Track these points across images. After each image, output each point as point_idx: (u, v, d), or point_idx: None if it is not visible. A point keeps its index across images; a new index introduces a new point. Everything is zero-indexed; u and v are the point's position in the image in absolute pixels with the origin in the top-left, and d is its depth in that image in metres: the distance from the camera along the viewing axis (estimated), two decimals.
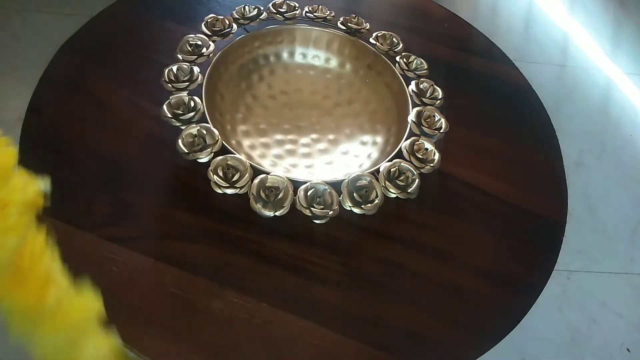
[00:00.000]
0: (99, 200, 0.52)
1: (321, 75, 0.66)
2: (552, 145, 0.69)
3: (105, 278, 0.47)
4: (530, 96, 0.75)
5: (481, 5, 2.07)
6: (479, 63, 0.79)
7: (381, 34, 0.66)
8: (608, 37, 2.04)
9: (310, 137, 0.60)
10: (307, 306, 0.49)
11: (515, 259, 0.56)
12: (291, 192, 0.48)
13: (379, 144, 0.60)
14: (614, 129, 1.73)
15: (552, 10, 2.10)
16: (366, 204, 0.49)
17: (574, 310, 1.29)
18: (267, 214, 0.47)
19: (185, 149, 0.49)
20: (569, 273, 1.34)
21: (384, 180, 0.51)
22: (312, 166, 0.57)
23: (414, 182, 0.51)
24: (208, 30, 0.60)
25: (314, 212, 0.47)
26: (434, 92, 0.60)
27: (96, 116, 0.59)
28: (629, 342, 1.26)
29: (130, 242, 0.48)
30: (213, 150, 0.49)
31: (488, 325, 0.51)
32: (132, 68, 0.59)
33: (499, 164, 0.65)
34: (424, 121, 0.56)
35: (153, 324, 0.45)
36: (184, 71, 0.55)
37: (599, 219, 1.47)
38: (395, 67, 0.62)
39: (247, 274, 0.49)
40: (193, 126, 0.50)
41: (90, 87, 0.60)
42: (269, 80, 0.64)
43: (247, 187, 0.48)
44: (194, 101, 0.53)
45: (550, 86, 1.80)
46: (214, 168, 0.48)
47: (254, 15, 0.63)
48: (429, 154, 0.54)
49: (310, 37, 0.66)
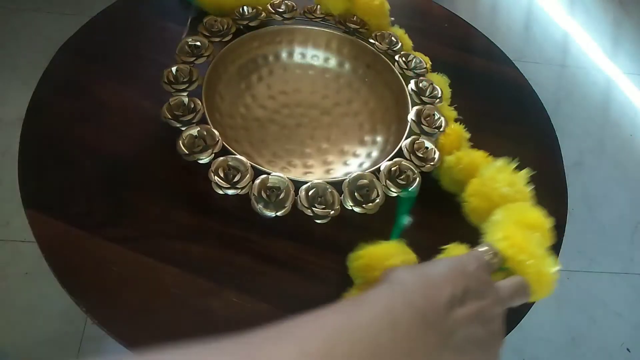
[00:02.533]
0: (99, 200, 0.52)
1: (320, 74, 0.66)
2: (552, 145, 0.69)
3: (105, 278, 0.47)
4: (530, 96, 0.75)
5: (481, 5, 2.07)
6: (479, 63, 0.79)
7: (380, 33, 0.66)
8: (608, 37, 2.04)
9: (310, 137, 0.60)
10: (307, 306, 0.49)
11: None
12: (292, 192, 0.48)
13: (379, 143, 0.60)
14: (614, 129, 1.73)
15: (552, 10, 2.10)
16: (367, 203, 0.49)
17: (574, 310, 1.29)
18: (269, 214, 0.47)
19: (185, 150, 0.49)
20: (569, 273, 1.34)
21: (384, 179, 0.51)
22: (313, 166, 0.57)
23: (415, 181, 0.51)
24: (207, 31, 0.60)
25: (316, 212, 0.47)
26: (434, 91, 0.60)
27: (96, 116, 0.58)
28: (629, 342, 1.26)
29: (130, 242, 0.48)
30: (214, 151, 0.49)
31: None
32: (132, 68, 0.59)
33: None
34: (423, 120, 0.56)
35: (153, 324, 0.45)
36: (184, 72, 0.55)
37: (599, 219, 1.47)
38: (394, 66, 0.62)
39: (247, 274, 0.48)
40: (193, 127, 0.50)
41: (90, 87, 0.60)
42: (268, 80, 0.64)
43: (248, 188, 0.48)
44: (194, 102, 0.53)
45: (550, 86, 1.80)
46: (215, 169, 0.48)
47: (252, 15, 0.63)
48: (430, 152, 0.54)
49: (309, 37, 0.66)
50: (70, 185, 0.52)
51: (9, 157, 1.28)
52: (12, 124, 1.33)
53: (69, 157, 0.55)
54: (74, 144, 0.56)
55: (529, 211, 0.47)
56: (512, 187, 0.49)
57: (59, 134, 0.56)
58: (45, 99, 0.58)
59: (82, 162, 0.54)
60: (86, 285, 0.46)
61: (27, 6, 1.53)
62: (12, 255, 1.14)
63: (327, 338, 0.28)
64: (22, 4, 1.54)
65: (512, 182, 0.49)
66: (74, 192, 0.52)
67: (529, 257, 0.41)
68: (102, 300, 0.46)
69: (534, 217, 0.46)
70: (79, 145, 0.56)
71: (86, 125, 0.57)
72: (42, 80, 0.59)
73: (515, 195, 0.48)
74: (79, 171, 0.54)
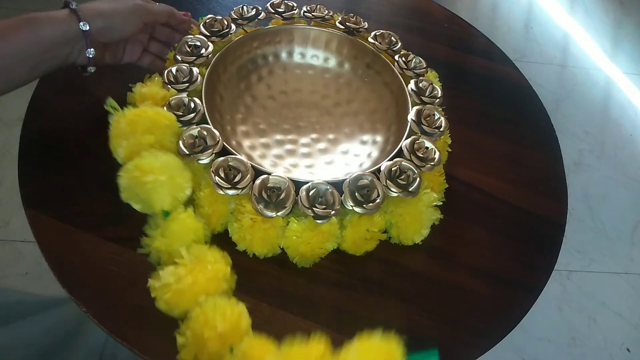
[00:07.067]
0: (99, 200, 0.52)
1: (320, 74, 0.66)
2: (552, 145, 0.69)
3: (105, 278, 0.47)
4: (530, 96, 0.75)
5: (481, 5, 2.07)
6: (479, 63, 0.79)
7: (379, 32, 0.66)
8: (608, 37, 2.04)
9: (310, 137, 0.60)
10: (307, 306, 0.49)
11: (515, 259, 0.56)
12: (293, 193, 0.48)
13: (379, 143, 0.60)
14: (614, 129, 1.73)
15: (552, 10, 2.10)
16: (368, 204, 0.49)
17: (574, 310, 1.29)
18: (269, 214, 0.47)
19: (186, 150, 0.49)
20: (569, 273, 1.34)
21: (385, 179, 0.51)
22: (313, 166, 0.57)
23: (415, 181, 0.51)
24: (207, 30, 0.60)
25: (316, 212, 0.47)
26: (434, 91, 0.60)
27: (96, 116, 0.58)
28: (629, 342, 1.26)
29: (130, 242, 0.48)
30: (214, 151, 0.49)
31: (488, 325, 0.51)
32: (132, 68, 0.59)
33: (499, 164, 0.65)
34: (423, 120, 0.56)
35: (153, 324, 0.45)
36: (183, 72, 0.55)
37: (599, 219, 1.47)
38: (394, 66, 0.62)
39: (247, 274, 0.48)
40: (193, 127, 0.50)
41: (90, 87, 0.60)
42: (268, 80, 0.64)
43: (248, 188, 0.48)
44: (194, 102, 0.52)
45: (550, 86, 1.80)
46: (216, 169, 0.48)
47: (252, 15, 0.63)
48: (430, 152, 0.54)
49: (309, 37, 0.66)
50: (70, 185, 0.52)
51: (9, 157, 1.28)
52: (12, 124, 1.33)
53: (69, 157, 0.55)
54: (74, 144, 0.56)
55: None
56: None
57: (59, 134, 0.56)
58: (45, 99, 0.58)
59: (82, 162, 0.54)
60: (86, 285, 0.46)
61: (27, 6, 1.52)
62: (12, 255, 1.14)
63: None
64: (22, 4, 1.54)
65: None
66: (74, 192, 0.52)
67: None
68: (102, 300, 0.46)
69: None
70: (79, 145, 0.56)
71: (86, 125, 0.57)
72: (42, 80, 0.59)
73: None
74: (79, 171, 0.54)
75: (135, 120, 0.48)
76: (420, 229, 0.52)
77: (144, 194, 0.45)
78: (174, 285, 0.41)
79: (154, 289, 0.42)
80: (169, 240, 0.45)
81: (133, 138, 0.47)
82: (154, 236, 0.45)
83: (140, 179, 0.44)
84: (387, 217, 0.52)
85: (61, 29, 0.49)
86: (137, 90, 0.53)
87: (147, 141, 0.47)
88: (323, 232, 0.48)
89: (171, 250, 0.44)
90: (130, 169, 0.45)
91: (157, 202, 0.45)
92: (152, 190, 0.44)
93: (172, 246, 0.44)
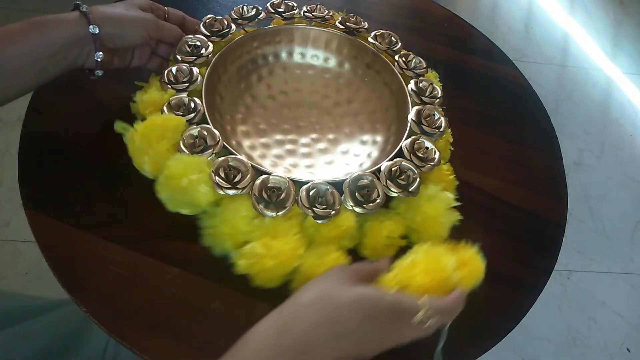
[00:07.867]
0: (99, 200, 0.52)
1: (320, 74, 0.66)
2: (552, 145, 0.69)
3: (105, 278, 0.47)
4: (530, 96, 0.75)
5: (481, 5, 2.07)
6: (479, 63, 0.79)
7: (379, 32, 0.66)
8: (608, 37, 2.04)
9: (310, 137, 0.60)
10: None
11: (515, 259, 0.56)
12: (293, 193, 0.48)
13: (379, 143, 0.60)
14: (614, 129, 1.73)
15: (552, 10, 2.10)
16: (368, 204, 0.49)
17: (574, 310, 1.29)
18: (270, 214, 0.47)
19: (186, 150, 0.49)
20: (569, 273, 1.34)
21: (385, 179, 0.51)
22: (313, 166, 0.57)
23: (415, 181, 0.51)
24: (207, 30, 0.60)
25: (317, 212, 0.47)
26: (434, 91, 0.60)
27: (96, 116, 0.58)
28: (629, 342, 1.26)
29: (130, 242, 0.48)
30: (214, 151, 0.49)
31: (488, 325, 0.51)
32: (132, 68, 0.59)
33: (499, 164, 0.65)
34: (423, 120, 0.56)
35: (153, 324, 0.45)
36: (183, 72, 0.55)
37: (599, 219, 1.47)
38: (394, 66, 0.62)
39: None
40: (194, 127, 0.50)
41: (90, 87, 0.60)
42: (268, 80, 0.64)
43: (249, 188, 0.48)
44: (194, 102, 0.52)
45: (550, 86, 1.80)
46: (216, 169, 0.48)
47: (252, 15, 0.63)
48: (430, 152, 0.54)
49: (309, 37, 0.66)
50: (70, 185, 0.52)
51: (9, 157, 1.28)
52: (12, 124, 1.33)
53: (69, 157, 0.55)
54: (74, 144, 0.56)
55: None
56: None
57: (59, 134, 0.56)
58: (45, 99, 0.58)
59: (82, 162, 0.54)
60: (86, 285, 0.46)
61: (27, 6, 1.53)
62: (12, 255, 1.14)
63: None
64: (22, 4, 1.54)
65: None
66: (74, 192, 0.52)
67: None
68: (102, 300, 0.46)
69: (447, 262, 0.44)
70: (79, 145, 0.56)
71: (86, 125, 0.57)
72: None
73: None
74: (79, 171, 0.54)
75: (147, 132, 0.49)
76: (441, 231, 0.51)
77: (186, 197, 0.47)
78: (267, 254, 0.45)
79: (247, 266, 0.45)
80: (232, 222, 0.47)
81: (151, 150, 0.48)
82: (215, 224, 0.47)
83: (176, 186, 0.46)
84: (407, 222, 0.51)
85: (71, 31, 0.49)
86: (138, 99, 0.54)
87: (164, 147, 0.49)
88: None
89: (235, 231, 0.47)
90: (164, 182, 0.47)
91: (202, 198, 0.47)
92: (192, 191, 0.46)
93: (236, 226, 0.47)
